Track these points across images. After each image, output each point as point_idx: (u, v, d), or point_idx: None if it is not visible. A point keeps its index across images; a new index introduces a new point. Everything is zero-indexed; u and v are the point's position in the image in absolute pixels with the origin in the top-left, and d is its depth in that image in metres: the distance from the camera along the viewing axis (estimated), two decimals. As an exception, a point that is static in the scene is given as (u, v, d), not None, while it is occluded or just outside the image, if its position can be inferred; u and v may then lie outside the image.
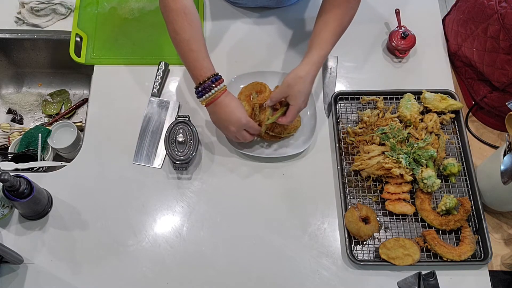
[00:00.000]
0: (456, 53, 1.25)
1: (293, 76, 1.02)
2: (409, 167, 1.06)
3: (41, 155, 1.24)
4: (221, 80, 1.01)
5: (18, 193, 0.93)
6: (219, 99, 1.00)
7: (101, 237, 1.04)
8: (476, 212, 1.08)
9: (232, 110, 1.01)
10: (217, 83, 1.00)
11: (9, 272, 1.00)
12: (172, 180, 1.11)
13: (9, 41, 1.33)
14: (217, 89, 1.00)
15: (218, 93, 1.00)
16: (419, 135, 1.12)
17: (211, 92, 0.99)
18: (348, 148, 1.15)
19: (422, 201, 1.06)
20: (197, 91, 1.01)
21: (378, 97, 1.19)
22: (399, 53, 1.25)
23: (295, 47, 1.28)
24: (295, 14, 1.32)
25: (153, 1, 1.33)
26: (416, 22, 1.29)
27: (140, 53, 1.26)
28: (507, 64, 1.09)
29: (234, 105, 1.01)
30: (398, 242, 1.02)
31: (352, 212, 1.03)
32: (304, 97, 1.03)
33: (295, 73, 1.02)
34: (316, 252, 1.04)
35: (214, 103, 1.01)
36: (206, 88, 0.99)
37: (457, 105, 1.17)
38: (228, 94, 1.02)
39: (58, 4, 1.29)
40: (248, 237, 1.05)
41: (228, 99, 1.01)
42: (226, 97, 1.01)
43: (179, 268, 1.02)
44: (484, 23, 1.11)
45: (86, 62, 1.24)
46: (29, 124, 1.44)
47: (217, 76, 1.00)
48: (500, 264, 1.06)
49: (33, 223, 1.05)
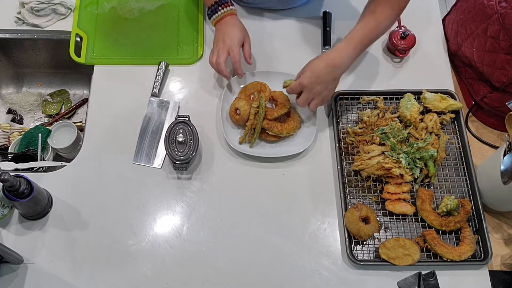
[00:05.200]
0: (456, 53, 1.25)
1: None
2: (409, 167, 1.07)
3: (41, 155, 1.24)
4: (228, 4, 1.14)
5: (18, 193, 0.93)
6: (225, 18, 1.14)
7: (101, 237, 1.04)
8: (476, 212, 1.08)
9: (231, 29, 1.13)
10: (223, 5, 1.13)
11: (9, 272, 1.00)
12: (172, 180, 1.11)
13: (9, 41, 1.33)
14: (224, 11, 1.13)
15: (225, 14, 1.14)
16: (419, 135, 1.12)
17: (218, 13, 1.14)
18: (348, 148, 1.15)
19: (423, 201, 1.06)
20: (208, 14, 1.17)
21: (378, 97, 1.19)
22: (399, 53, 1.25)
23: (299, 49, 1.28)
24: (298, 16, 1.32)
25: (153, 1, 1.33)
26: (416, 22, 1.29)
27: (140, 53, 1.26)
28: (507, 64, 1.09)
29: (234, 26, 1.13)
30: (398, 242, 1.02)
31: (352, 212, 1.03)
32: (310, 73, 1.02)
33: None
34: (316, 252, 1.04)
35: (221, 21, 1.14)
36: (214, 10, 1.14)
37: (457, 105, 1.17)
38: (234, 17, 1.15)
39: (58, 4, 1.29)
40: (248, 237, 1.05)
41: (233, 20, 1.14)
42: (232, 18, 1.14)
43: (179, 268, 1.02)
44: (484, 23, 1.11)
45: (86, 62, 1.24)
46: (29, 124, 1.44)
47: (224, 0, 1.13)
48: (500, 264, 1.06)
49: (33, 223, 1.05)
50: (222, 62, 1.11)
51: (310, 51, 1.28)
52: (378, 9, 1.04)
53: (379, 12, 1.04)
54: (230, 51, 1.11)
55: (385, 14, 1.04)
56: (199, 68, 1.25)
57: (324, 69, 1.02)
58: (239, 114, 1.12)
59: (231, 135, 1.14)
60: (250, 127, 1.11)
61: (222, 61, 1.11)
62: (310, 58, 1.25)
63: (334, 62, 1.01)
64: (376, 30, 1.04)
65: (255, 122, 1.11)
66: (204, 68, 1.25)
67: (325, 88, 1.05)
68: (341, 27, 1.31)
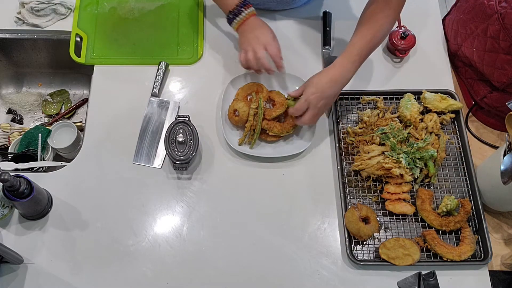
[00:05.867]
0: (456, 53, 1.25)
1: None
2: (409, 167, 1.07)
3: (41, 155, 1.24)
4: (250, 5, 1.11)
5: (18, 193, 0.93)
6: (249, 20, 1.11)
7: (101, 237, 1.04)
8: (476, 212, 1.08)
9: (260, 28, 1.11)
10: (245, 7, 1.10)
11: (9, 272, 1.00)
12: (172, 180, 1.11)
13: (9, 41, 1.33)
14: (247, 12, 1.10)
15: (248, 15, 1.10)
16: (419, 135, 1.12)
17: (241, 15, 1.10)
18: (348, 148, 1.15)
19: (423, 201, 1.06)
20: (229, 18, 1.12)
21: (378, 97, 1.19)
22: (399, 53, 1.25)
23: (299, 49, 1.28)
24: (298, 16, 1.32)
25: (153, 1, 1.33)
26: (416, 22, 1.29)
27: (140, 53, 1.26)
28: (507, 64, 1.09)
29: (262, 25, 1.11)
30: (398, 242, 1.02)
31: (352, 212, 1.03)
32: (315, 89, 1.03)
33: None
34: (316, 252, 1.04)
35: (245, 23, 1.10)
36: (236, 13, 1.10)
37: (457, 105, 1.17)
38: (257, 17, 1.12)
39: (58, 4, 1.29)
40: (248, 237, 1.05)
41: (258, 21, 1.11)
42: (256, 19, 1.12)
43: (179, 268, 1.02)
44: (484, 23, 1.11)
45: (86, 62, 1.24)
46: (29, 124, 1.44)
47: (245, 2, 1.10)
48: (500, 264, 1.06)
49: (33, 223, 1.05)
50: (263, 57, 1.08)
51: (310, 51, 1.28)
52: (373, 18, 1.04)
53: (374, 21, 1.04)
54: (268, 46, 1.08)
55: (380, 23, 1.04)
56: (199, 68, 1.25)
57: (327, 84, 1.03)
58: (238, 116, 1.12)
59: (231, 136, 1.14)
60: (250, 128, 1.11)
61: (262, 55, 1.07)
62: (310, 58, 1.26)
63: (335, 78, 1.04)
64: (373, 40, 1.05)
65: (255, 123, 1.11)
66: (204, 68, 1.25)
67: (327, 104, 1.07)
68: (341, 27, 1.31)
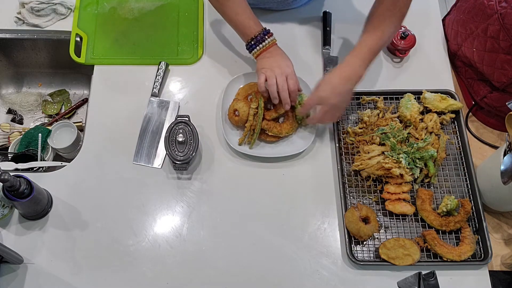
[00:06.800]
0: (456, 53, 1.25)
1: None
2: (409, 167, 1.07)
3: (41, 155, 1.24)
4: (271, 34, 1.11)
5: (18, 193, 0.93)
6: (272, 48, 1.10)
7: (101, 237, 1.04)
8: (476, 212, 1.08)
9: (282, 57, 1.11)
10: (268, 35, 1.10)
11: (9, 272, 1.00)
12: (172, 180, 1.11)
13: (9, 41, 1.33)
14: (270, 40, 1.10)
15: (270, 44, 1.10)
16: (419, 135, 1.12)
17: (264, 43, 1.10)
18: (348, 148, 1.15)
19: (423, 201, 1.06)
20: (249, 45, 1.11)
21: (378, 97, 1.19)
22: (399, 53, 1.25)
23: (299, 49, 1.28)
24: (298, 16, 1.32)
25: (153, 1, 1.33)
26: (416, 22, 1.29)
27: (140, 53, 1.26)
28: (507, 64, 1.09)
29: (284, 55, 1.12)
30: (398, 242, 1.02)
31: (352, 212, 1.03)
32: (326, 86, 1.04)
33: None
34: (316, 252, 1.04)
35: (267, 51, 1.10)
36: (259, 40, 1.09)
37: (457, 105, 1.17)
38: (278, 47, 1.12)
39: (58, 4, 1.29)
40: (248, 237, 1.05)
41: (279, 49, 1.12)
42: (277, 48, 1.12)
43: (179, 268, 1.02)
44: (484, 23, 1.11)
45: (86, 62, 1.24)
46: (29, 124, 1.44)
47: (267, 30, 1.10)
48: (500, 264, 1.06)
49: (33, 223, 1.05)
50: (287, 90, 1.06)
51: (310, 51, 1.28)
52: (381, 17, 1.05)
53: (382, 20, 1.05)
54: (289, 78, 1.07)
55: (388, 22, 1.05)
56: (199, 68, 1.25)
57: (339, 81, 1.03)
58: (238, 116, 1.12)
59: (231, 136, 1.14)
60: (250, 128, 1.11)
61: (286, 88, 1.06)
62: (310, 58, 1.27)
63: (346, 75, 1.04)
64: (382, 38, 1.05)
65: (255, 123, 1.11)
66: (204, 68, 1.25)
67: (342, 101, 1.05)
68: (341, 27, 1.31)
